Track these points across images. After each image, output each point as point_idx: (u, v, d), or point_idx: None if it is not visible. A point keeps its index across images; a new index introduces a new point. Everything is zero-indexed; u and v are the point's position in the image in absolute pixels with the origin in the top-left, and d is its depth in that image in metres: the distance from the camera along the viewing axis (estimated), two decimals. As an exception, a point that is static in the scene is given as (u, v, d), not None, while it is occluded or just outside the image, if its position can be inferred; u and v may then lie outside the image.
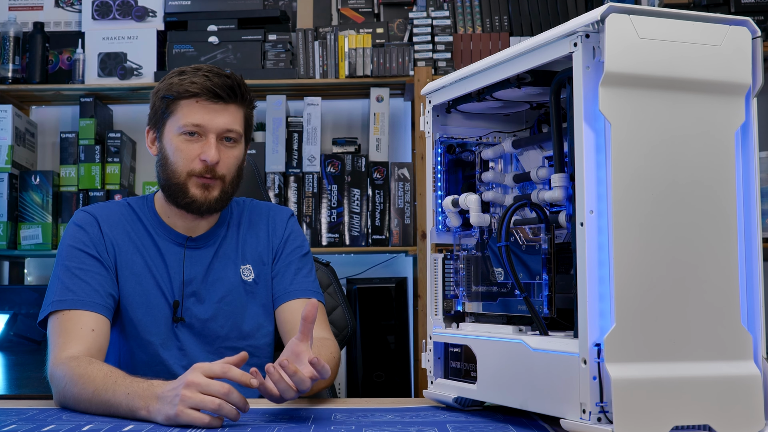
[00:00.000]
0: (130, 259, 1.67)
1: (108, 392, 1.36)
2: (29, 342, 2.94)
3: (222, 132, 1.64)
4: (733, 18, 1.18)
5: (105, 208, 1.72)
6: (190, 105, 1.62)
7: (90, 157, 3.13)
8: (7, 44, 3.13)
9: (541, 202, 1.29)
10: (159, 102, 1.66)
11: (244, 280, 1.73)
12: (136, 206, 1.74)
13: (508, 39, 3.13)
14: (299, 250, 1.79)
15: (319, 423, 1.30)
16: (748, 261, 1.18)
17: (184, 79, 1.63)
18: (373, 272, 3.24)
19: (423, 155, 2.97)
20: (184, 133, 1.62)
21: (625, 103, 1.11)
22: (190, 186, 1.64)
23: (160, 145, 1.67)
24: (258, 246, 1.77)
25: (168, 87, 1.64)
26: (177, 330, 1.66)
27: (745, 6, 3.06)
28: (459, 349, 1.41)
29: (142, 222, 1.71)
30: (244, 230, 1.77)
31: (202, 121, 1.62)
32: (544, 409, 1.18)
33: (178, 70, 1.67)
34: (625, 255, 1.09)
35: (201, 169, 1.63)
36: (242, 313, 1.71)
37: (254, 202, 1.84)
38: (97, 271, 1.63)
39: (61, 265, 1.63)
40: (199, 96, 1.62)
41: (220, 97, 1.62)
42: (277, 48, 3.12)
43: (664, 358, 1.10)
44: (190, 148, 1.63)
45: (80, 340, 1.53)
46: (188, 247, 1.70)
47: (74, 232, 1.67)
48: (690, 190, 1.13)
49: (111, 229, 1.68)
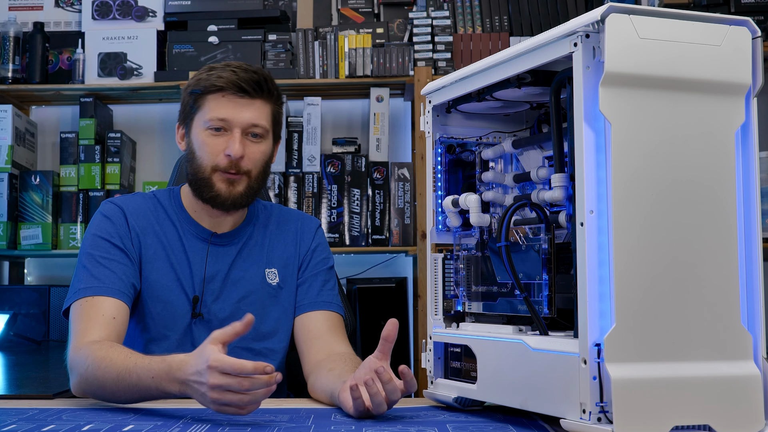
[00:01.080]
0: (154, 252, 1.67)
1: (132, 376, 1.38)
2: (29, 342, 2.94)
3: (247, 126, 1.64)
4: (733, 18, 1.18)
5: (132, 201, 1.72)
6: (217, 99, 1.64)
7: (90, 157, 3.13)
8: (7, 44, 3.13)
9: (541, 202, 1.29)
10: (188, 97, 1.68)
11: (269, 283, 1.73)
12: (163, 199, 1.74)
13: (508, 39, 3.13)
14: (326, 261, 1.80)
15: (319, 423, 1.30)
16: (748, 261, 1.18)
17: (212, 74, 1.65)
18: (373, 272, 3.24)
19: (423, 155, 2.97)
20: (210, 127, 1.64)
21: (625, 103, 1.11)
22: (215, 180, 1.64)
23: (188, 140, 1.69)
24: (285, 251, 1.77)
25: (196, 82, 1.66)
26: (194, 326, 1.67)
27: (745, 6, 3.06)
28: (459, 349, 1.41)
29: (168, 215, 1.72)
30: (271, 233, 1.78)
31: (227, 115, 1.63)
32: (544, 409, 1.18)
33: (208, 66, 1.69)
34: (625, 255, 1.09)
35: (226, 164, 1.63)
36: (262, 315, 1.71)
37: (282, 208, 1.85)
38: (121, 261, 1.64)
39: (85, 254, 1.64)
40: (225, 90, 1.63)
41: (246, 91, 1.63)
42: (277, 48, 3.12)
43: (664, 358, 1.10)
44: (215, 143, 1.64)
45: (102, 327, 1.54)
46: (212, 243, 1.71)
47: (100, 222, 1.68)
48: (690, 190, 1.13)
49: (137, 221, 1.69)
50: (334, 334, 1.71)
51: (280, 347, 1.74)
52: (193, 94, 1.66)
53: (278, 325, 1.73)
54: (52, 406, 1.49)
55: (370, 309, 3.02)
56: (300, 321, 1.74)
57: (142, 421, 1.31)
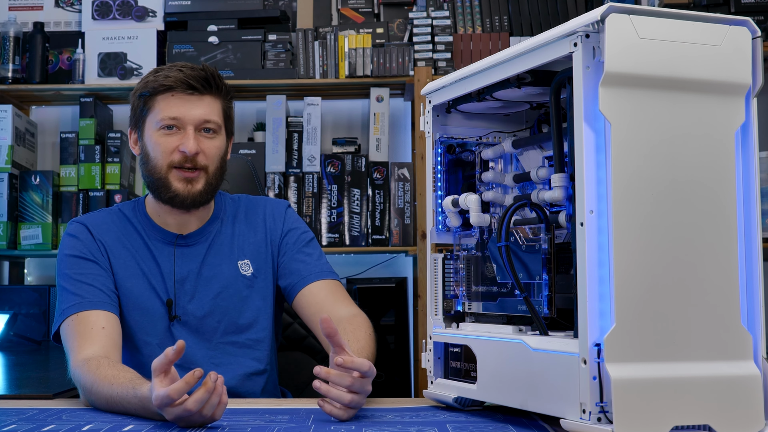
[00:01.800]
0: (123, 262, 1.69)
1: (119, 405, 1.39)
2: (29, 342, 2.94)
3: (200, 123, 1.65)
4: (733, 18, 1.18)
5: (95, 216, 1.75)
6: (166, 99, 1.65)
7: (90, 157, 3.13)
8: (7, 44, 3.13)
9: (541, 202, 1.29)
10: (137, 101, 1.69)
11: (243, 275, 1.74)
12: (126, 211, 1.76)
13: (508, 39, 3.13)
14: (304, 237, 1.80)
15: (319, 423, 1.30)
16: (748, 261, 1.18)
17: (158, 75, 1.66)
18: (373, 272, 3.24)
19: (423, 155, 2.97)
20: (163, 127, 1.64)
21: (625, 103, 1.11)
22: (171, 180, 1.65)
23: (141, 144, 1.70)
24: (255, 239, 1.77)
25: (144, 85, 1.67)
26: (173, 328, 1.68)
27: (745, 6, 3.06)
28: (459, 349, 1.41)
29: (133, 225, 1.73)
30: (240, 225, 1.78)
31: (179, 113, 1.64)
32: (544, 409, 1.18)
33: (154, 69, 1.70)
34: (625, 255, 1.09)
35: (180, 158, 1.64)
36: (240, 308, 1.72)
37: (249, 198, 1.85)
38: (96, 273, 1.66)
39: (62, 275, 1.67)
40: (173, 89, 1.64)
41: (195, 88, 1.64)
42: (277, 48, 3.12)
43: (664, 358, 1.10)
44: (168, 141, 1.64)
45: (93, 340, 1.56)
46: (178, 245, 1.72)
47: (68, 242, 1.70)
48: (690, 190, 1.13)
49: (102, 235, 1.71)
50: (333, 300, 1.71)
51: (264, 336, 1.74)
52: (143, 97, 1.67)
53: (258, 314, 1.74)
54: (52, 406, 1.50)
55: (370, 309, 3.01)
56: (299, 300, 1.73)
57: (142, 421, 1.31)
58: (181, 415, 1.22)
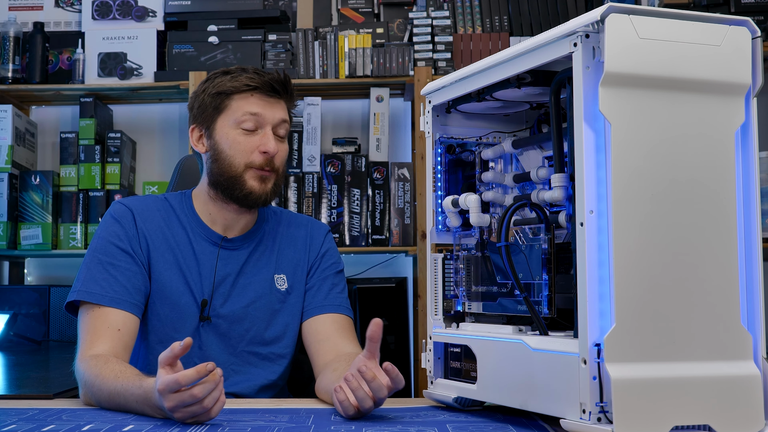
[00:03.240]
0: (162, 254, 1.68)
1: (120, 397, 1.40)
2: (29, 342, 2.94)
3: (277, 123, 1.68)
4: (733, 18, 1.18)
5: (142, 202, 1.73)
6: (246, 98, 1.66)
7: (90, 157, 3.13)
8: (7, 44, 3.13)
9: (541, 202, 1.29)
10: (209, 99, 1.68)
11: (277, 289, 1.74)
12: (174, 203, 1.75)
13: (508, 39, 3.13)
14: (335, 266, 1.81)
15: (319, 423, 1.30)
16: (748, 261, 1.18)
17: (235, 76, 1.67)
18: (373, 272, 3.24)
19: (423, 155, 2.97)
20: (242, 126, 1.65)
21: (625, 103, 1.11)
22: (247, 178, 1.66)
23: (211, 142, 1.69)
24: (295, 256, 1.78)
25: (219, 84, 1.67)
26: (202, 329, 1.67)
27: (745, 6, 3.06)
28: (459, 349, 1.41)
29: (179, 219, 1.72)
30: (281, 239, 1.78)
31: (260, 110, 1.66)
32: (544, 409, 1.18)
33: (221, 70, 1.71)
34: (625, 255, 1.09)
35: (261, 161, 1.65)
36: (269, 320, 1.72)
37: (291, 214, 1.86)
38: (128, 267, 1.64)
39: (92, 256, 1.65)
40: (256, 89, 1.66)
41: (276, 91, 1.68)
42: (277, 48, 3.12)
43: (664, 358, 1.10)
44: (248, 141, 1.66)
45: (106, 339, 1.56)
46: (223, 247, 1.71)
47: (109, 225, 1.68)
48: (690, 190, 1.13)
49: (146, 223, 1.69)
50: (342, 336, 1.72)
51: (287, 352, 1.75)
52: (219, 95, 1.67)
53: (285, 330, 1.74)
54: (52, 406, 1.50)
55: (370, 309, 3.02)
56: (308, 324, 1.74)
57: (142, 421, 1.31)
58: (185, 401, 1.23)
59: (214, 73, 1.72)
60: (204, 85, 1.71)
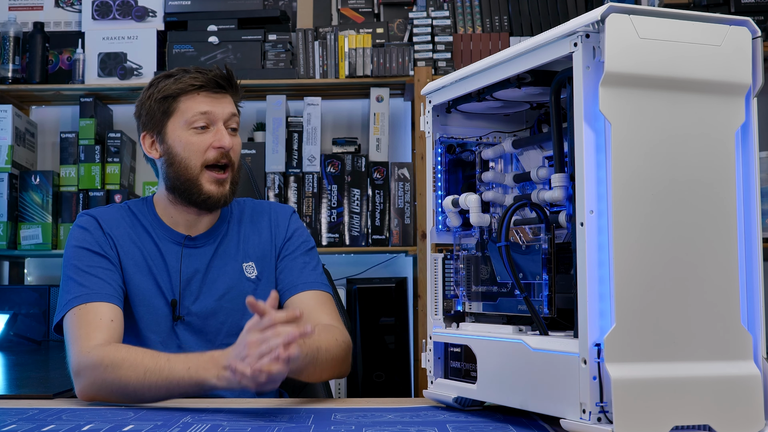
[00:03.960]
0: (132, 258, 1.70)
1: (164, 370, 1.43)
2: (29, 342, 2.94)
3: (228, 118, 1.69)
4: (733, 18, 1.18)
5: (106, 211, 1.75)
6: (193, 98, 1.67)
7: (90, 157, 3.13)
8: (7, 44, 3.13)
9: (541, 202, 1.29)
10: (155, 104, 1.69)
11: (247, 277, 1.75)
12: (135, 208, 1.76)
13: (508, 39, 3.13)
14: (304, 245, 1.81)
15: (319, 423, 1.30)
16: (748, 261, 1.18)
17: (179, 78, 1.68)
18: (373, 272, 3.24)
19: (423, 155, 2.97)
20: (193, 126, 1.66)
21: (625, 103, 1.11)
22: (203, 182, 1.67)
23: (164, 147, 1.70)
24: (260, 243, 1.78)
25: (164, 88, 1.68)
26: (177, 328, 1.69)
27: (745, 6, 3.06)
28: (459, 349, 1.41)
29: (141, 223, 1.74)
30: (245, 227, 1.79)
31: (209, 108, 1.67)
32: (544, 409, 1.18)
33: (162, 75, 1.72)
34: (625, 255, 1.09)
35: (216, 155, 1.66)
36: (244, 310, 1.71)
37: (255, 201, 1.87)
38: (105, 267, 1.66)
39: (70, 266, 1.66)
40: (202, 88, 1.67)
41: (222, 86, 1.68)
42: (277, 48, 3.12)
43: (664, 358, 1.10)
44: (201, 140, 1.67)
45: (102, 330, 1.56)
46: (186, 245, 1.72)
47: (78, 234, 1.70)
48: (690, 190, 1.13)
49: (112, 229, 1.71)
50: (319, 310, 1.71)
51: None
52: (166, 99, 1.67)
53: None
54: (52, 406, 1.50)
55: (370, 309, 3.02)
56: (286, 307, 1.73)
57: (142, 421, 1.31)
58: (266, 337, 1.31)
59: (156, 77, 1.73)
60: (148, 91, 1.71)
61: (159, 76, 1.72)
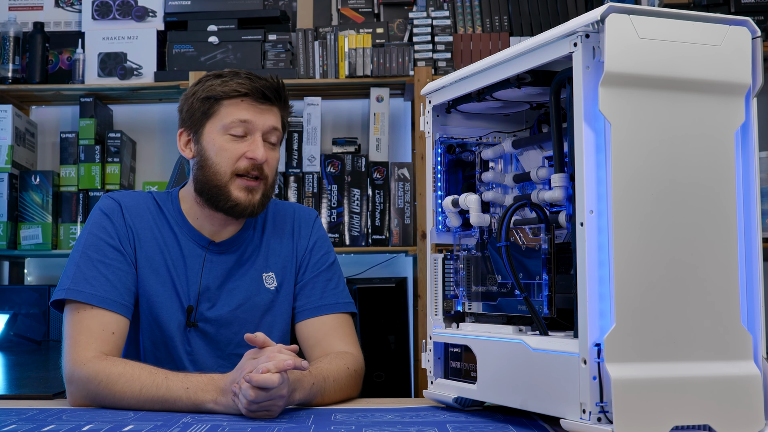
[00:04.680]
0: (151, 255, 1.64)
1: (161, 388, 1.40)
2: (29, 342, 2.94)
3: (268, 130, 1.63)
4: (733, 18, 1.18)
5: (131, 197, 1.69)
6: (236, 104, 1.61)
7: (90, 157, 3.13)
8: (7, 44, 3.13)
9: (541, 202, 1.29)
10: (198, 103, 1.63)
11: (267, 288, 1.70)
12: (161, 201, 1.70)
13: (508, 39, 3.13)
14: (325, 258, 1.76)
15: (319, 423, 1.30)
16: (748, 261, 1.18)
17: (226, 80, 1.62)
18: (373, 272, 3.24)
19: (423, 155, 2.97)
20: (231, 132, 1.60)
21: (625, 103, 1.11)
22: (232, 189, 1.61)
23: (198, 147, 1.64)
24: (282, 251, 1.73)
25: (209, 88, 1.63)
26: (189, 334, 1.64)
27: (745, 6, 3.06)
28: (459, 349, 1.41)
29: (166, 218, 1.68)
30: (268, 234, 1.74)
31: (249, 117, 1.61)
32: (544, 409, 1.18)
33: (212, 73, 1.66)
34: (625, 255, 1.09)
35: (247, 166, 1.60)
36: (258, 322, 1.69)
37: (278, 203, 1.80)
38: (119, 265, 1.60)
39: (81, 252, 1.60)
40: (247, 96, 1.61)
41: (267, 98, 1.62)
42: (277, 48, 3.12)
43: (664, 358, 1.10)
44: (235, 147, 1.61)
45: (102, 342, 1.52)
46: (210, 251, 1.67)
47: (98, 219, 1.64)
48: (690, 190, 1.13)
49: (134, 219, 1.65)
50: (334, 336, 1.68)
51: None
52: (208, 100, 1.62)
53: (274, 329, 1.70)
54: (52, 406, 1.49)
55: (370, 309, 3.02)
56: (302, 327, 1.71)
57: (142, 421, 1.31)
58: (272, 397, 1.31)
59: (206, 75, 1.67)
60: (195, 87, 1.66)
61: (209, 75, 1.66)
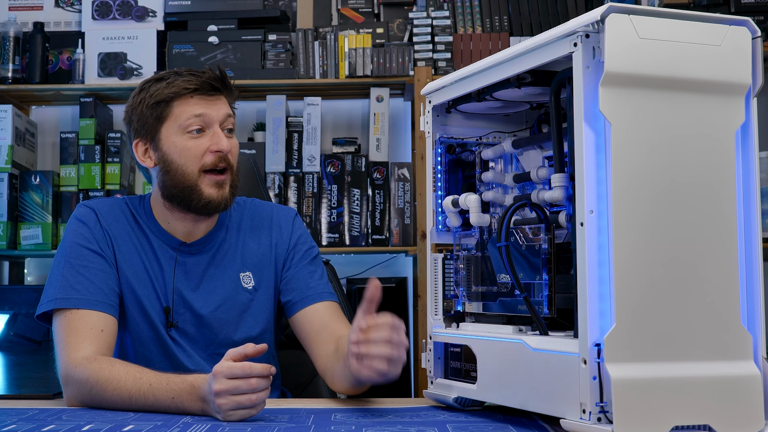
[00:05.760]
0: (129, 258, 1.65)
1: (148, 398, 1.40)
2: (29, 342, 2.94)
3: (223, 119, 1.62)
4: (733, 18, 1.18)
5: (105, 203, 1.69)
6: (187, 102, 1.60)
7: (90, 157, 3.13)
8: (7, 44, 3.13)
9: (541, 202, 1.29)
10: (148, 110, 1.62)
11: (244, 288, 1.70)
12: (132, 206, 1.70)
13: (508, 39, 3.13)
14: (309, 252, 1.76)
15: (319, 423, 1.30)
16: (748, 261, 1.18)
17: (171, 81, 1.61)
18: (373, 272, 3.24)
19: (423, 155, 2.97)
20: (188, 130, 1.60)
21: (625, 103, 1.11)
22: (203, 187, 1.60)
23: (159, 154, 1.63)
24: (260, 251, 1.73)
25: (156, 93, 1.61)
26: (171, 333, 1.64)
27: (745, 6, 3.06)
28: (459, 349, 1.41)
29: (138, 223, 1.68)
30: (245, 234, 1.74)
31: (204, 111, 1.60)
32: (544, 409, 1.18)
33: (151, 79, 1.65)
34: (625, 255, 1.09)
35: (214, 159, 1.60)
36: (237, 322, 1.68)
37: (255, 203, 1.80)
38: (101, 268, 1.61)
39: (63, 261, 1.61)
40: (196, 91, 1.60)
41: (216, 88, 1.62)
42: (277, 48, 3.12)
43: (664, 358, 1.10)
44: (197, 144, 1.60)
45: (92, 340, 1.53)
46: (181, 252, 1.67)
47: (76, 227, 1.65)
48: (690, 190, 1.13)
49: (110, 224, 1.66)
50: (336, 321, 1.68)
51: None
52: (159, 104, 1.60)
53: (253, 329, 1.70)
54: (52, 406, 1.50)
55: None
56: (299, 318, 1.70)
57: (142, 421, 1.31)
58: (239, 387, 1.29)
59: (145, 81, 1.65)
60: (139, 96, 1.64)
61: (149, 80, 1.65)
